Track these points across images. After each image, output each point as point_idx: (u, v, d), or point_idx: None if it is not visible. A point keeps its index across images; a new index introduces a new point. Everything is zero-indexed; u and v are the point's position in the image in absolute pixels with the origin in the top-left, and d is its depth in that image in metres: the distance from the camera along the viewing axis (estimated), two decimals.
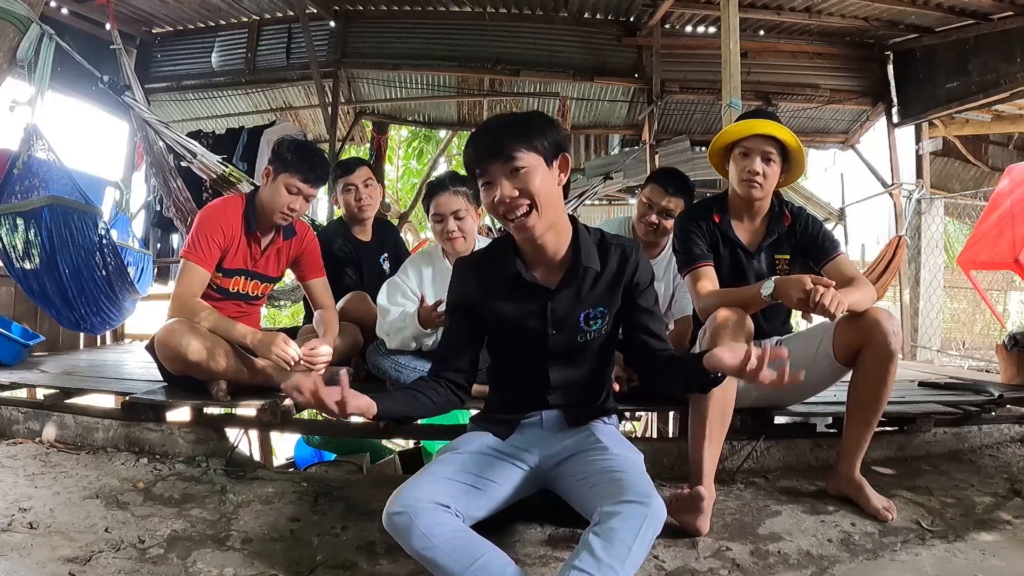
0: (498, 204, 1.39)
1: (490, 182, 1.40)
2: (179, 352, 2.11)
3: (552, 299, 1.50)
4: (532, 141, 1.39)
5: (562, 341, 1.54)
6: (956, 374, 3.85)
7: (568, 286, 1.50)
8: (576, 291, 1.50)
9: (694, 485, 1.68)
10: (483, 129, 1.43)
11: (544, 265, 1.51)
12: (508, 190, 1.38)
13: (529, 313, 1.52)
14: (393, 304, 2.33)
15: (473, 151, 1.43)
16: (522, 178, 1.38)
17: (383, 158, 6.72)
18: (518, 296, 1.51)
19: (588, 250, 1.49)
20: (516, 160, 1.37)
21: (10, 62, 2.83)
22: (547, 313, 1.51)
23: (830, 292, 1.64)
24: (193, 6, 5.59)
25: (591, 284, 1.50)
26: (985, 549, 1.61)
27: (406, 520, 1.29)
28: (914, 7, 4.87)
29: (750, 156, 1.97)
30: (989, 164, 6.89)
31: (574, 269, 1.48)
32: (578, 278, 1.49)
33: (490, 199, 1.41)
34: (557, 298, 1.50)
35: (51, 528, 1.58)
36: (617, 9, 5.57)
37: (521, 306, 1.52)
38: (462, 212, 2.27)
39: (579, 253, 1.48)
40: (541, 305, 1.51)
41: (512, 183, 1.38)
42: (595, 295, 1.51)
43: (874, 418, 1.84)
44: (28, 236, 2.87)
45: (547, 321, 1.51)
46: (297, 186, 2.24)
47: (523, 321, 1.52)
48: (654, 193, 2.55)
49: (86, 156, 22.96)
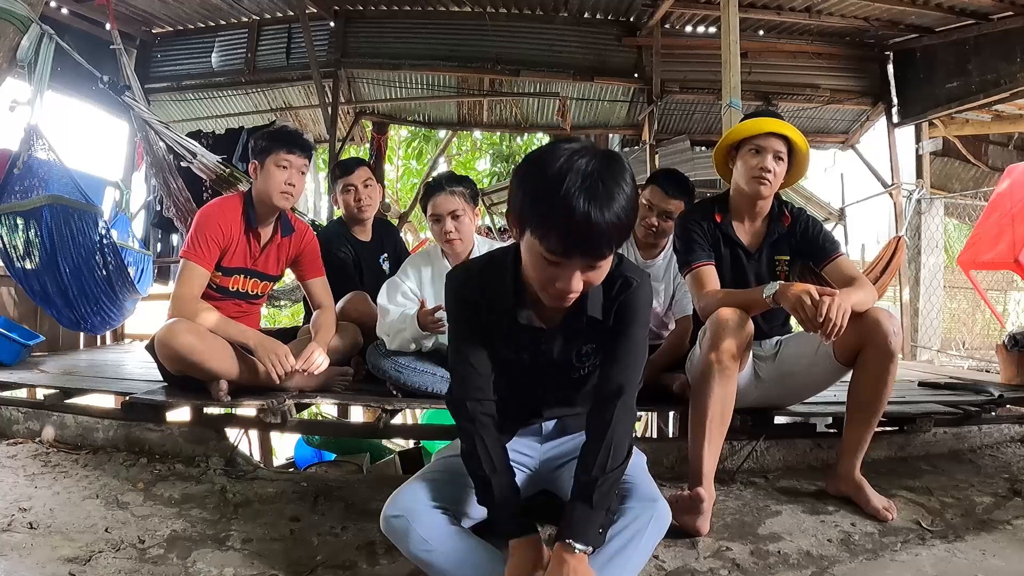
0: (557, 287, 1.20)
1: (558, 264, 1.17)
2: (179, 352, 2.11)
3: (544, 340, 1.40)
4: (623, 240, 1.20)
5: (555, 373, 1.46)
6: (956, 374, 3.85)
7: (564, 329, 1.39)
8: (573, 333, 1.40)
9: (694, 485, 1.68)
10: (587, 214, 1.10)
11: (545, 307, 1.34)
12: (579, 285, 1.20)
13: (521, 348, 1.42)
14: (393, 304, 2.33)
15: (567, 238, 1.13)
16: (593, 275, 1.22)
17: (383, 158, 6.72)
18: (512, 331, 1.39)
19: (595, 298, 1.35)
20: (600, 262, 1.20)
21: (10, 62, 2.83)
22: (539, 352, 1.42)
23: (836, 305, 1.62)
24: (193, 6, 5.59)
25: (589, 326, 1.38)
26: (985, 549, 1.61)
27: (403, 523, 1.29)
28: (914, 7, 4.87)
29: (762, 153, 1.97)
30: (989, 164, 6.89)
31: (576, 315, 1.35)
32: (578, 322, 1.37)
33: (550, 275, 1.20)
34: (550, 339, 1.40)
35: (51, 528, 1.58)
36: (617, 9, 5.57)
37: (514, 341, 1.41)
38: (459, 212, 2.26)
39: (585, 300, 1.33)
40: (534, 343, 1.41)
41: (585, 277, 1.20)
42: (591, 334, 1.40)
43: (874, 418, 1.84)
44: (28, 236, 2.88)
45: (537, 359, 1.42)
46: (285, 159, 2.26)
47: (515, 355, 1.42)
48: (654, 195, 2.55)
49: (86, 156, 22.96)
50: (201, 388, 2.22)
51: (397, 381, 2.30)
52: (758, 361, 2.11)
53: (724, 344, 1.73)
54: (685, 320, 2.50)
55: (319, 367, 2.18)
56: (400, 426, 3.22)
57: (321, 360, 2.18)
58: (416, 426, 4.02)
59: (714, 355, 1.74)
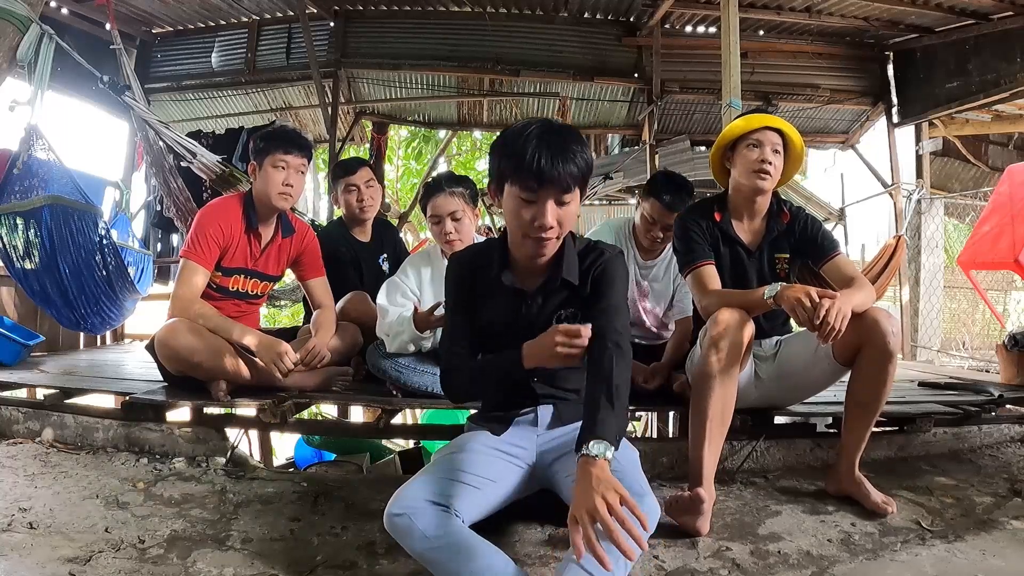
0: (535, 225, 1.41)
1: (533, 201, 1.41)
2: (179, 352, 2.11)
3: (526, 301, 1.57)
4: (585, 179, 1.44)
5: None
6: (956, 374, 3.85)
7: (544, 291, 1.56)
8: (551, 295, 1.57)
9: (694, 485, 1.68)
10: (551, 160, 1.37)
11: (527, 271, 1.57)
12: (552, 219, 1.41)
13: (506, 312, 1.59)
14: (393, 304, 2.33)
15: (533, 168, 1.37)
16: (564, 211, 1.43)
17: (383, 158, 6.72)
18: (499, 296, 1.58)
19: (571, 262, 1.54)
20: (569, 194, 1.42)
21: (10, 62, 2.83)
22: (521, 313, 1.58)
23: (835, 309, 1.63)
24: (193, 6, 5.59)
25: (567, 290, 1.56)
26: (985, 549, 1.60)
27: (406, 521, 1.31)
28: (914, 7, 4.87)
29: (760, 147, 1.98)
30: (989, 164, 6.89)
31: (553, 278, 1.54)
32: (555, 286, 1.55)
33: (528, 215, 1.42)
34: (531, 300, 1.57)
35: (51, 528, 1.58)
36: (617, 9, 5.57)
37: (500, 306, 1.59)
38: (459, 213, 2.27)
39: (561, 264, 1.53)
40: (516, 306, 1.58)
41: (557, 212, 1.42)
42: (569, 298, 1.57)
43: (873, 418, 1.84)
44: (28, 236, 2.88)
45: (521, 320, 1.57)
46: (282, 160, 2.27)
47: (501, 319, 1.59)
48: (655, 209, 2.51)
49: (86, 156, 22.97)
50: (201, 388, 2.22)
51: (397, 381, 2.30)
52: (758, 361, 2.11)
53: (724, 345, 1.73)
54: (686, 321, 2.50)
55: (321, 359, 2.18)
56: (400, 426, 3.22)
57: (323, 353, 2.18)
58: (416, 426, 4.02)
59: (714, 356, 1.74)
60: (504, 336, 1.58)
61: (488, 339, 1.63)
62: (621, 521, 1.18)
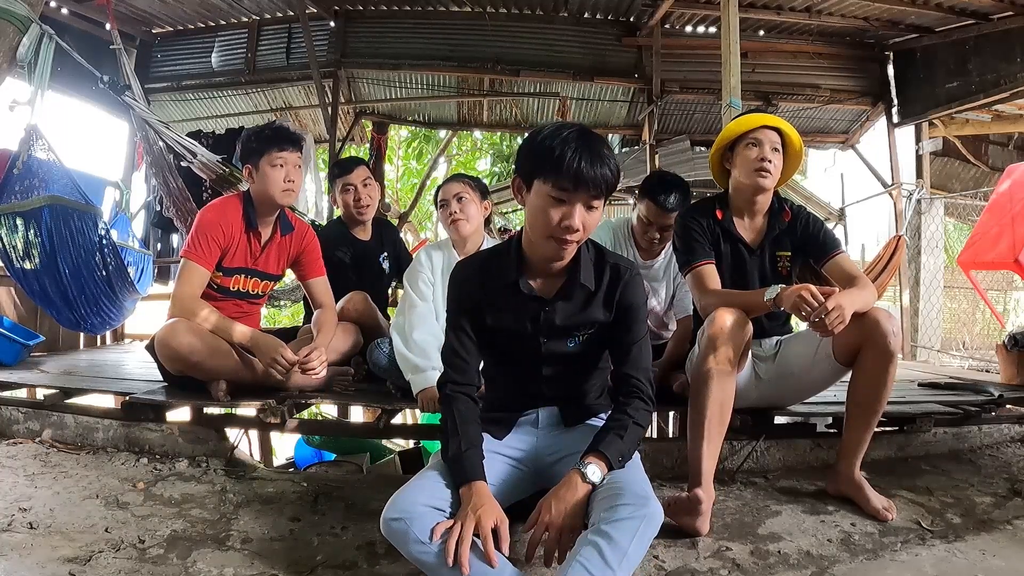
0: (562, 226, 1.41)
1: (564, 201, 1.40)
2: (179, 352, 2.11)
3: (546, 309, 1.55)
4: (612, 188, 1.45)
5: (553, 347, 1.58)
6: (956, 374, 3.85)
7: (563, 298, 1.55)
8: (569, 303, 1.55)
9: (693, 486, 1.68)
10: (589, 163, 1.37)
11: (543, 276, 1.56)
12: (579, 221, 1.41)
13: (524, 320, 1.56)
14: (416, 292, 2.31)
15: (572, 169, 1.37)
16: (591, 216, 1.44)
17: (383, 158, 6.72)
18: (515, 303, 1.55)
19: (587, 268, 1.54)
20: (598, 200, 1.43)
21: (10, 62, 2.82)
22: (540, 321, 1.55)
23: (837, 303, 1.63)
24: (193, 6, 5.59)
25: (584, 298, 1.55)
26: (985, 549, 1.61)
27: (403, 526, 1.30)
28: (914, 7, 4.87)
29: (760, 146, 1.99)
30: (989, 164, 6.90)
31: (571, 284, 1.54)
32: (573, 292, 1.54)
33: (557, 215, 1.40)
34: (551, 308, 1.55)
35: (51, 528, 1.58)
36: (617, 9, 5.57)
37: (517, 313, 1.56)
38: (464, 195, 2.32)
39: (578, 270, 1.53)
40: (535, 313, 1.55)
41: (584, 216, 1.42)
42: (587, 308, 1.56)
43: (874, 418, 1.84)
44: (28, 236, 2.87)
45: (540, 329, 1.56)
46: (279, 158, 2.26)
47: (518, 327, 1.56)
48: (650, 211, 2.50)
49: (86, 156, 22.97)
50: (201, 388, 2.22)
51: (397, 381, 2.30)
52: (758, 361, 2.11)
53: (722, 345, 1.74)
54: (686, 320, 2.50)
55: (318, 373, 2.16)
56: (400, 426, 3.22)
57: (320, 367, 2.15)
58: (416, 426, 4.01)
59: (712, 356, 1.74)
60: (514, 346, 1.57)
61: (497, 349, 1.61)
62: (548, 548, 1.35)
